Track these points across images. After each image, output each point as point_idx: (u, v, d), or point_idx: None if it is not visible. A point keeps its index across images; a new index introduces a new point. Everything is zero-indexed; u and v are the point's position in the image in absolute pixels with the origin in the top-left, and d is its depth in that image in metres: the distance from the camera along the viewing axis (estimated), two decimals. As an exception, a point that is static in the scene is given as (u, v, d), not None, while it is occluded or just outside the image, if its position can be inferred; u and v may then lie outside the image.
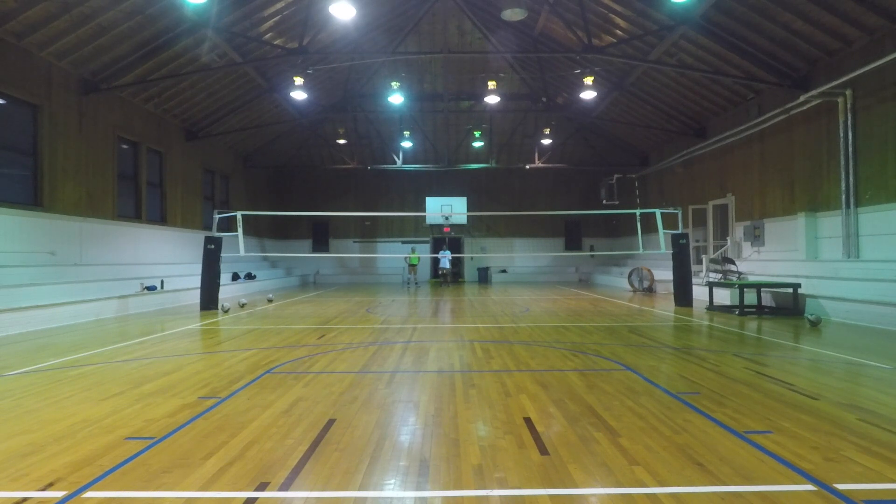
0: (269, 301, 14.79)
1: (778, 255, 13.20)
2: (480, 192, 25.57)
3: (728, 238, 15.41)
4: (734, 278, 13.15)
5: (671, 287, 13.33)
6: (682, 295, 12.55)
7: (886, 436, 3.53)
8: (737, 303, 10.80)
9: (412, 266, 22.55)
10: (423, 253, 25.69)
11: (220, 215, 12.95)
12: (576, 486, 2.82)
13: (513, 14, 13.35)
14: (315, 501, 2.68)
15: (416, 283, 22.91)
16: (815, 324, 8.84)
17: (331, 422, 3.93)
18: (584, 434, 3.62)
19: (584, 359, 6.35)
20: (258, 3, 13.00)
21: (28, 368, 5.95)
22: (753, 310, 10.86)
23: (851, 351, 6.70)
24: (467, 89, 20.85)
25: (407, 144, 23.44)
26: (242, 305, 13.38)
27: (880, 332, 8.28)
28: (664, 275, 15.48)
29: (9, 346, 7.44)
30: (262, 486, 2.83)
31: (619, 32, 14.38)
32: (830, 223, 11.45)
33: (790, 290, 10.64)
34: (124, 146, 14.22)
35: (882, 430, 3.65)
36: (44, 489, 2.81)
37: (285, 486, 2.83)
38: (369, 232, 26.34)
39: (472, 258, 26.04)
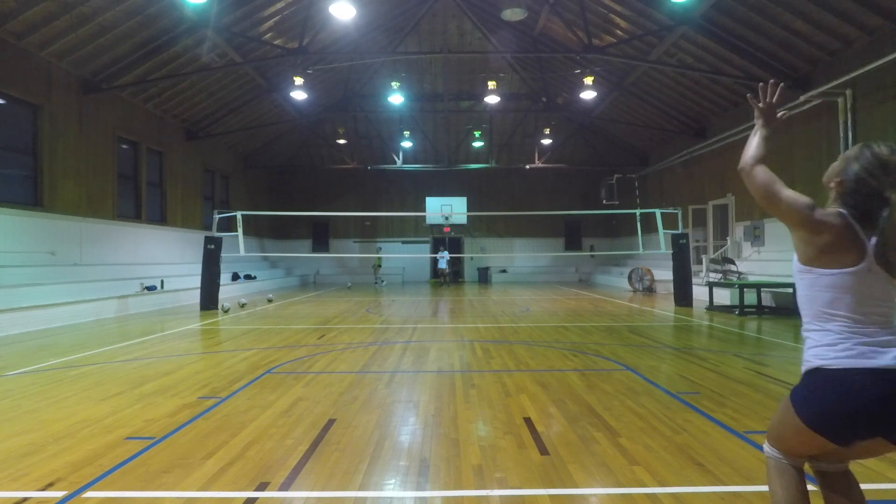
0: (269, 301, 14.79)
1: (778, 255, 13.19)
2: (480, 192, 25.56)
3: (728, 238, 15.41)
4: (734, 278, 13.15)
5: (671, 287, 13.33)
6: (682, 295, 12.55)
7: (886, 436, 3.53)
8: (737, 303, 10.79)
9: (377, 267, 22.86)
10: (424, 253, 25.73)
11: (220, 215, 12.95)
12: (576, 486, 2.82)
13: (513, 14, 13.36)
14: (315, 501, 2.68)
15: (381, 282, 23.15)
16: (815, 324, 8.83)
17: (331, 422, 3.93)
18: (584, 434, 3.62)
19: (584, 359, 6.35)
20: (258, 3, 13.00)
21: (28, 368, 5.95)
22: (753, 310, 10.86)
23: (851, 351, 6.69)
24: (467, 89, 20.85)
25: (407, 144, 23.44)
26: (242, 305, 13.38)
27: (880, 332, 8.27)
28: (664, 275, 15.47)
29: (9, 346, 7.44)
30: (262, 486, 2.83)
31: (619, 32, 14.39)
32: (830, 223, 11.44)
33: (790, 290, 10.64)
34: (124, 146, 14.22)
35: (882, 430, 3.65)
36: (44, 489, 2.81)
37: (285, 486, 2.83)
38: (369, 232, 26.34)
39: (472, 258, 26.04)
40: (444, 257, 21.88)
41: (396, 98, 18.76)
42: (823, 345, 1.74)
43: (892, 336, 1.69)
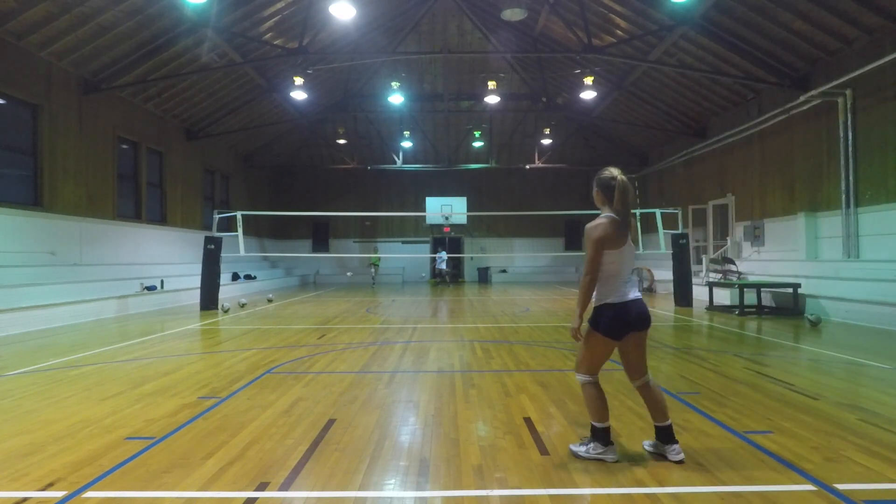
0: (269, 301, 14.79)
1: (778, 255, 13.20)
2: (480, 192, 25.56)
3: (728, 238, 15.42)
4: (734, 278, 13.15)
5: (671, 287, 13.33)
6: (682, 295, 12.55)
7: (886, 436, 3.53)
8: (737, 303, 10.80)
9: (374, 266, 22.60)
10: (424, 253, 25.74)
11: (220, 215, 12.95)
12: (576, 486, 2.82)
13: (513, 14, 13.35)
14: (315, 501, 2.68)
15: (373, 283, 22.97)
16: (815, 324, 8.84)
17: (331, 422, 3.93)
18: (585, 434, 3.61)
19: (584, 359, 6.34)
20: (258, 3, 13.00)
21: (28, 368, 5.95)
22: (753, 310, 10.86)
23: (851, 351, 6.70)
24: (467, 89, 20.85)
25: (407, 144, 23.44)
26: (242, 305, 13.38)
27: (880, 332, 8.28)
28: (664, 275, 15.48)
29: (9, 346, 7.44)
30: (262, 486, 2.83)
31: (619, 32, 14.38)
32: (830, 223, 11.45)
33: (790, 290, 10.64)
34: (124, 146, 14.22)
35: (882, 430, 3.65)
36: (44, 489, 2.81)
37: (285, 486, 2.83)
38: (369, 232, 26.33)
39: (472, 258, 26.03)
40: (441, 257, 21.91)
41: (396, 98, 18.75)
42: (611, 290, 3.16)
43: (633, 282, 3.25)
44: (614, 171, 3.21)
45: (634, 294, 3.18)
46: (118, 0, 10.53)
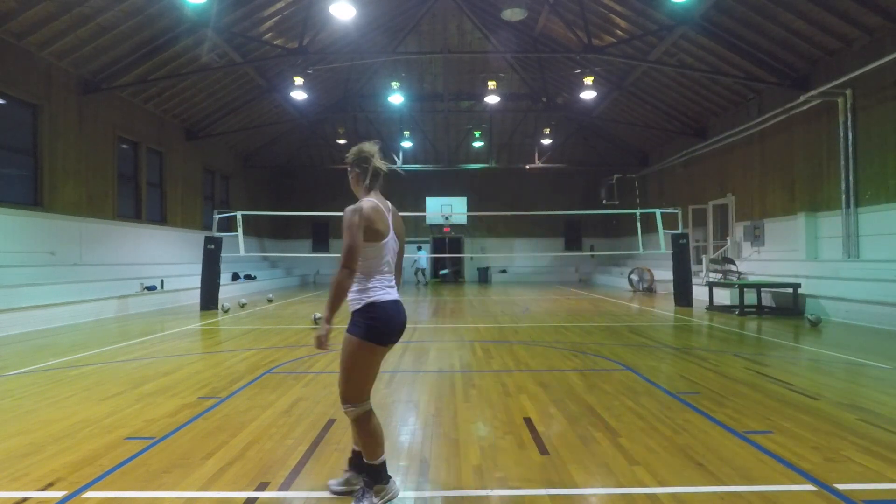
0: (269, 301, 14.78)
1: (778, 255, 13.20)
2: (480, 192, 25.55)
3: (728, 238, 15.41)
4: (734, 278, 13.15)
5: (671, 287, 13.33)
6: (682, 295, 12.55)
7: (886, 436, 3.53)
8: (737, 303, 10.80)
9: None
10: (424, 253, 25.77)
11: (220, 215, 12.94)
12: (576, 486, 2.82)
13: (513, 14, 13.37)
14: (315, 501, 2.68)
15: (424, 282, 23.25)
16: (815, 324, 8.84)
17: (331, 422, 3.93)
18: (584, 434, 3.62)
19: (584, 359, 6.35)
20: (258, 3, 13.00)
21: (28, 368, 5.95)
22: (753, 310, 10.86)
23: (851, 351, 6.70)
24: (467, 89, 20.85)
25: (407, 144, 23.44)
26: (242, 305, 13.37)
27: (880, 332, 8.28)
28: (664, 275, 15.47)
29: (9, 346, 7.44)
30: (262, 486, 2.83)
31: (619, 32, 14.38)
32: (830, 223, 11.45)
33: (790, 290, 10.64)
34: (124, 146, 14.21)
35: (882, 430, 3.65)
36: (44, 489, 2.81)
37: (285, 486, 2.83)
38: (369, 232, 26.31)
39: (472, 258, 26.04)
40: (421, 257, 22.07)
41: (396, 98, 18.75)
42: (374, 287, 2.63)
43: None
44: (370, 147, 2.73)
45: (397, 295, 2.70)
46: (118, 0, 10.54)
